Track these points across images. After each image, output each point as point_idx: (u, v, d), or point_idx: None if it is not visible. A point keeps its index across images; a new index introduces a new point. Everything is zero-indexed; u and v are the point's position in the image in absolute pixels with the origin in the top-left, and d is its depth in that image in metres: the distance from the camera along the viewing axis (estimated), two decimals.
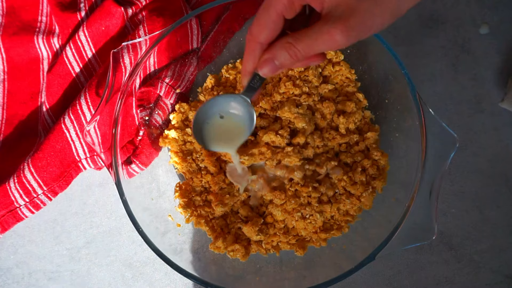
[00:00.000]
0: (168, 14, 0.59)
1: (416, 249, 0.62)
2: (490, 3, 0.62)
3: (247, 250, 0.58)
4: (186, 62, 0.61)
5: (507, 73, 0.62)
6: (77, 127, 0.58)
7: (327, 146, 0.58)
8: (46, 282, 0.63)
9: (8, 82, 0.62)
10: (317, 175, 0.57)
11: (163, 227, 0.57)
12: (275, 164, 0.56)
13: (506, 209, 0.61)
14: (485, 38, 0.62)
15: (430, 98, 0.62)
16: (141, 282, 0.63)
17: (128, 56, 0.53)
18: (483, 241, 0.61)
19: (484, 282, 0.61)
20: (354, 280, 0.62)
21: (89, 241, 0.63)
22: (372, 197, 0.56)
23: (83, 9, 0.61)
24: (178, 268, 0.51)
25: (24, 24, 0.62)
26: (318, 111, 0.57)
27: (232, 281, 0.57)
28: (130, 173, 0.58)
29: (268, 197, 0.57)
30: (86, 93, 0.57)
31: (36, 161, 0.57)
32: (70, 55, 0.60)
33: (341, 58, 0.59)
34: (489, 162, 0.62)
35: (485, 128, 0.62)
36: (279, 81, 0.58)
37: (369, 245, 0.51)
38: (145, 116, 0.60)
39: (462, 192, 0.62)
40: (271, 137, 0.55)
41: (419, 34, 0.63)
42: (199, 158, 0.60)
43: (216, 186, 0.58)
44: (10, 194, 0.58)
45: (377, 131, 0.58)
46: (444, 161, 0.48)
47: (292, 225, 0.58)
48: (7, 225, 0.59)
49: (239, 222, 0.59)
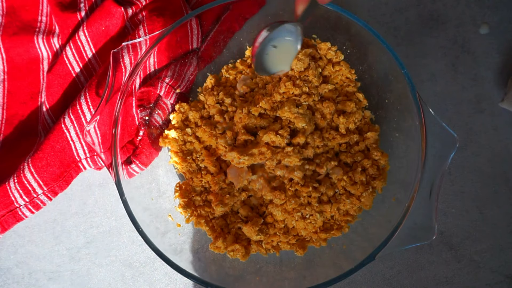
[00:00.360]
0: (168, 14, 0.59)
1: (416, 249, 0.62)
2: (490, 3, 0.62)
3: (247, 250, 0.58)
4: (186, 62, 0.61)
5: (507, 73, 0.62)
6: (77, 127, 0.58)
7: (327, 146, 0.58)
8: (46, 282, 0.63)
9: (8, 82, 0.62)
10: (317, 175, 0.57)
11: (163, 227, 0.57)
12: (275, 164, 0.56)
13: (506, 209, 0.61)
14: (485, 38, 0.62)
15: (430, 98, 0.62)
16: (141, 282, 0.63)
17: (128, 56, 0.53)
18: (483, 241, 0.61)
19: (484, 282, 0.61)
20: (354, 280, 0.62)
21: (89, 241, 0.63)
22: (372, 197, 0.56)
23: (83, 9, 0.61)
24: (178, 268, 0.52)
25: (24, 24, 0.62)
26: (318, 111, 0.57)
27: (232, 281, 0.57)
28: (130, 173, 0.58)
29: (268, 197, 0.57)
30: (86, 93, 0.57)
31: (36, 161, 0.57)
32: (70, 55, 0.60)
33: (341, 58, 0.59)
34: (489, 162, 0.62)
35: (485, 128, 0.62)
36: (279, 81, 0.58)
37: (369, 245, 0.51)
38: (145, 116, 0.60)
39: (462, 192, 0.62)
40: (271, 137, 0.55)
41: (419, 34, 0.63)
42: (199, 158, 0.60)
43: (216, 186, 0.58)
44: (10, 194, 0.58)
45: (377, 131, 0.58)
46: (444, 161, 0.48)
47: (292, 225, 0.58)
48: (7, 225, 0.59)
49: (239, 222, 0.59)
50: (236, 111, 0.58)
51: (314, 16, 0.57)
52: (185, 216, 0.59)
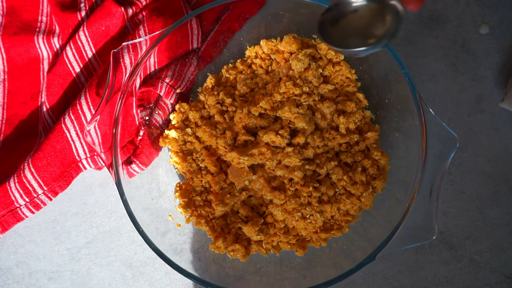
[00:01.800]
0: (168, 14, 0.59)
1: (416, 249, 0.62)
2: (490, 3, 0.62)
3: (247, 250, 0.58)
4: (186, 62, 0.61)
5: (507, 73, 0.62)
6: (77, 127, 0.58)
7: (327, 146, 0.58)
8: (46, 282, 0.63)
9: (9, 82, 0.62)
10: (317, 175, 0.57)
11: (163, 227, 0.57)
12: (275, 164, 0.56)
13: (506, 209, 0.61)
14: (485, 38, 0.62)
15: (430, 98, 0.62)
16: (141, 282, 0.63)
17: (128, 56, 0.53)
18: (483, 241, 0.61)
19: (484, 282, 0.61)
20: (354, 280, 0.62)
21: (89, 241, 0.63)
22: (372, 197, 0.56)
23: (83, 9, 0.61)
24: (179, 268, 0.52)
25: (24, 24, 0.62)
26: (318, 111, 0.57)
27: (232, 281, 0.57)
28: (130, 173, 0.58)
29: (268, 197, 0.57)
30: (86, 93, 0.57)
31: (37, 161, 0.57)
32: (70, 55, 0.60)
33: (341, 58, 0.59)
34: (489, 162, 0.62)
35: (485, 128, 0.62)
36: (279, 81, 0.58)
37: (369, 245, 0.51)
38: (145, 116, 0.60)
39: (462, 192, 0.62)
40: (271, 137, 0.55)
41: (419, 34, 0.63)
42: (199, 158, 0.60)
43: (216, 185, 0.58)
44: (10, 194, 0.58)
45: (377, 131, 0.58)
46: (444, 161, 0.48)
47: (292, 225, 0.58)
48: (7, 225, 0.59)
49: (239, 222, 0.59)
50: (236, 111, 0.58)
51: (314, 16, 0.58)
52: (185, 216, 0.59)
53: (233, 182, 0.58)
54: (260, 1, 0.62)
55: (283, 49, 0.58)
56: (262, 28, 0.62)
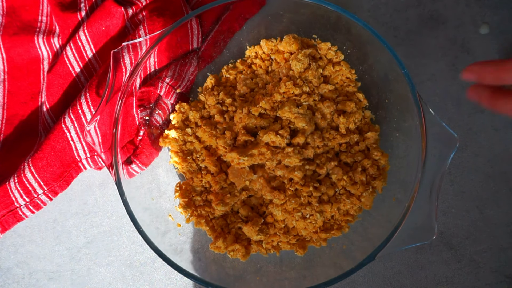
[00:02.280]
0: (169, 14, 0.59)
1: (416, 249, 0.62)
2: (490, 3, 0.62)
3: (247, 250, 0.58)
4: (187, 62, 0.61)
5: None
6: (77, 127, 0.58)
7: (327, 146, 0.58)
8: (46, 282, 0.63)
9: (9, 82, 0.62)
10: (317, 175, 0.57)
11: (164, 227, 0.57)
12: (275, 164, 0.56)
13: (506, 209, 0.61)
14: (485, 38, 0.62)
15: (430, 98, 0.62)
16: (141, 282, 0.63)
17: (129, 56, 0.53)
18: (483, 241, 0.61)
19: (484, 282, 0.61)
20: (354, 280, 0.62)
21: (90, 241, 0.63)
22: (372, 197, 0.56)
23: (83, 9, 0.61)
24: (179, 268, 0.52)
25: (24, 24, 0.62)
26: (319, 111, 0.57)
27: (232, 281, 0.57)
28: (130, 173, 0.58)
29: (268, 197, 0.57)
30: (86, 93, 0.57)
31: (37, 161, 0.57)
32: (71, 55, 0.60)
33: (341, 58, 0.59)
34: (489, 162, 0.62)
35: (485, 128, 0.62)
36: (279, 81, 0.58)
37: (369, 245, 0.51)
38: (146, 116, 0.60)
39: (462, 192, 0.62)
40: (271, 137, 0.55)
41: (419, 34, 0.63)
42: (199, 158, 0.60)
43: (217, 185, 0.58)
44: (10, 194, 0.58)
45: (377, 131, 0.58)
46: (444, 161, 0.48)
47: (292, 225, 0.58)
48: (7, 225, 0.59)
49: (239, 222, 0.59)
50: (236, 111, 0.58)
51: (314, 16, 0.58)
52: (185, 216, 0.59)
53: (233, 182, 0.58)
54: (260, 1, 0.62)
55: (283, 49, 0.58)
56: (262, 28, 0.62)
